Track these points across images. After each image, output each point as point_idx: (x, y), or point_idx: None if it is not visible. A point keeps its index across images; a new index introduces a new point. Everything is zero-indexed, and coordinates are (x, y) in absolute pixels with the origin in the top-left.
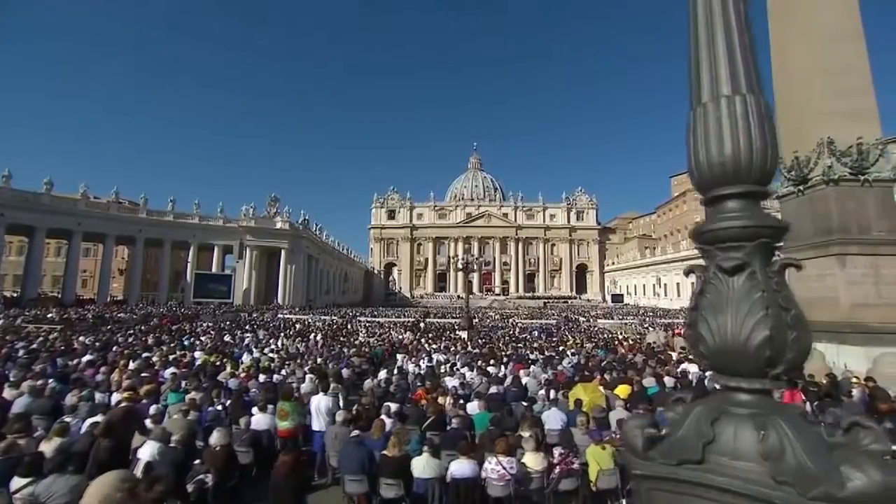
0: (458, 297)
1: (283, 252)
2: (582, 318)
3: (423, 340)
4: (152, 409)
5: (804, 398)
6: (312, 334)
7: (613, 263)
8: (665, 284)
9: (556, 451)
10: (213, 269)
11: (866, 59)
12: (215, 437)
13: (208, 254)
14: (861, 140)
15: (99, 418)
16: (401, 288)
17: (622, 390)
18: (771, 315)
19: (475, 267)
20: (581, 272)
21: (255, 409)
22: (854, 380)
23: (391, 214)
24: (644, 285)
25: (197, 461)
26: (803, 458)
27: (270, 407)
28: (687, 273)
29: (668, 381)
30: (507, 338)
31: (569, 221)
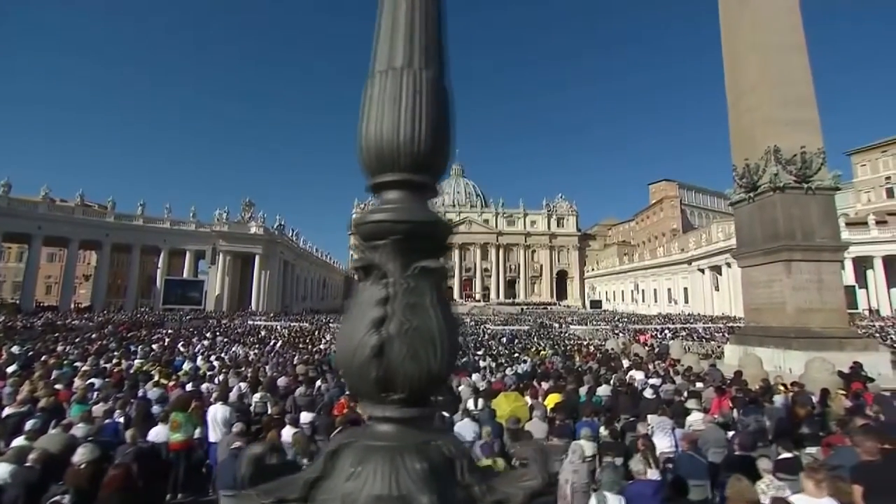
0: None
1: (257, 258)
2: (556, 324)
3: None
4: (28, 425)
5: (731, 405)
6: (273, 341)
7: (593, 270)
8: (643, 290)
9: None
10: (185, 275)
11: (809, 71)
12: (79, 454)
13: (180, 259)
14: (804, 149)
15: None
16: None
17: (552, 399)
18: (386, 328)
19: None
20: (562, 278)
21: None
22: (781, 387)
23: None
24: (623, 291)
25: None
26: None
27: None
28: (355, 276)
29: (602, 389)
30: (475, 344)
31: (549, 228)
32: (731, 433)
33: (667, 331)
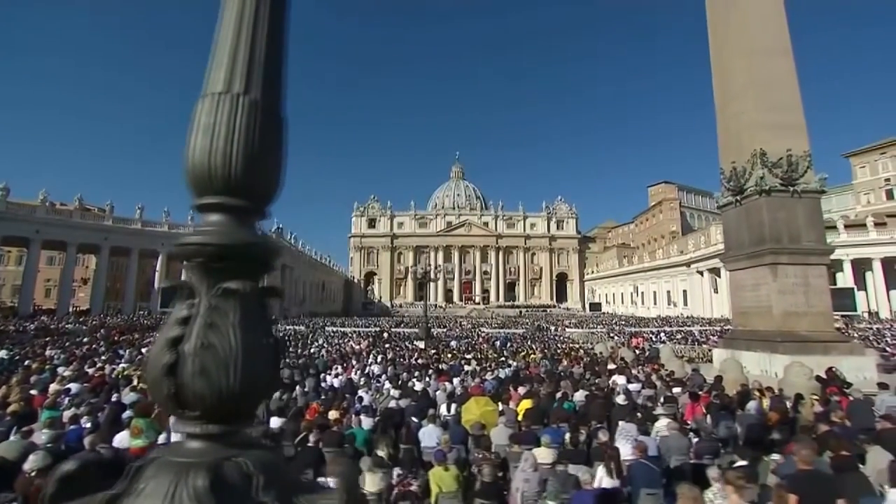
0: (437, 306)
1: None
2: (552, 328)
3: (373, 351)
4: None
5: (705, 411)
6: None
7: (593, 272)
8: (642, 293)
9: (395, 472)
10: (183, 279)
11: (795, 75)
12: (30, 462)
13: (178, 262)
14: (790, 152)
15: None
16: (380, 297)
17: (524, 405)
18: (182, 347)
19: (434, 276)
20: (561, 281)
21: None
22: (757, 392)
23: (371, 223)
24: (622, 294)
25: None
26: None
27: None
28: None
29: (578, 395)
30: (467, 348)
31: (549, 231)
32: (696, 440)
33: (662, 333)
